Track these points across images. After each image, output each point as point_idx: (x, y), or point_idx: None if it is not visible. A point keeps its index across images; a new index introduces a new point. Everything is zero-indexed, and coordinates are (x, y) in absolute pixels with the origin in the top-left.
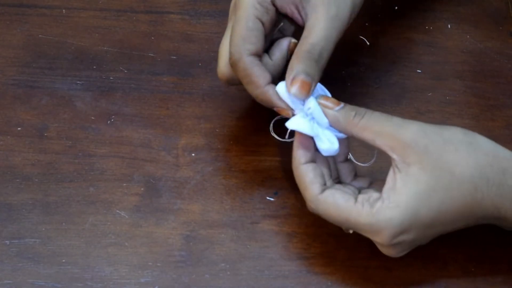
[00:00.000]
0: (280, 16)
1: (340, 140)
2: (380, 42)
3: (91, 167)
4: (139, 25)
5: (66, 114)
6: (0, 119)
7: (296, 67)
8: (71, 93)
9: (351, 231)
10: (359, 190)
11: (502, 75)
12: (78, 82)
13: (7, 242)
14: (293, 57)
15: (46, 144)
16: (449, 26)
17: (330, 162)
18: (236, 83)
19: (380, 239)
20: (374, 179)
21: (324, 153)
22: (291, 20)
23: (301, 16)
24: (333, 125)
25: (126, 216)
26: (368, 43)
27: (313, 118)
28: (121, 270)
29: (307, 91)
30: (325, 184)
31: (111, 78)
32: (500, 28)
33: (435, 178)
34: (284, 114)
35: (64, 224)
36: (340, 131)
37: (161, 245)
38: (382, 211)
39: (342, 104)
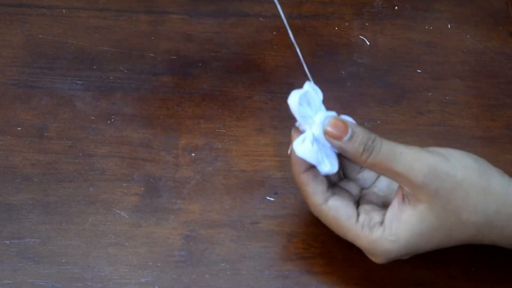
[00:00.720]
0: None
1: None
2: (380, 42)
3: (91, 167)
4: (139, 25)
5: (66, 114)
6: (0, 119)
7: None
8: (71, 93)
9: None
10: (361, 197)
11: (502, 75)
12: (78, 82)
13: (7, 242)
14: None
15: (46, 144)
16: (449, 26)
17: None
18: None
19: (374, 260)
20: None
21: (322, 173)
22: None
23: None
24: (339, 151)
25: (126, 216)
26: (368, 43)
27: (316, 140)
28: (121, 270)
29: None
30: (327, 191)
31: (111, 78)
32: (500, 28)
33: (440, 220)
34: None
35: (64, 224)
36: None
37: (161, 245)
38: (381, 242)
39: (349, 132)
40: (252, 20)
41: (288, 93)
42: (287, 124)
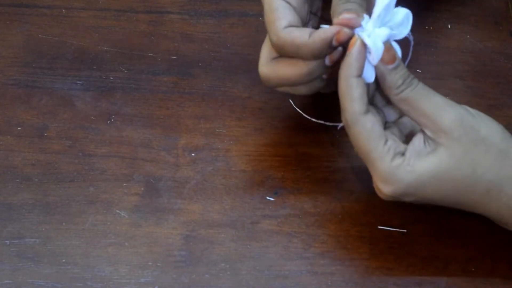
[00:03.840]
0: None
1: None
2: None
3: (91, 167)
4: (139, 25)
5: (66, 114)
6: (0, 119)
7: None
8: (71, 93)
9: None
10: (385, 128)
11: (502, 75)
12: (78, 82)
13: (7, 242)
14: None
15: (46, 144)
16: (449, 26)
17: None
18: (272, 85)
19: (382, 187)
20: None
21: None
22: None
23: None
24: (378, 76)
25: (126, 216)
26: None
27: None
28: (121, 270)
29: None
30: (368, 104)
31: (111, 78)
32: (500, 28)
33: (456, 168)
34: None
35: (64, 224)
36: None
37: (161, 245)
38: (399, 169)
39: (397, 62)
40: (252, 20)
41: (287, 93)
42: (287, 124)
